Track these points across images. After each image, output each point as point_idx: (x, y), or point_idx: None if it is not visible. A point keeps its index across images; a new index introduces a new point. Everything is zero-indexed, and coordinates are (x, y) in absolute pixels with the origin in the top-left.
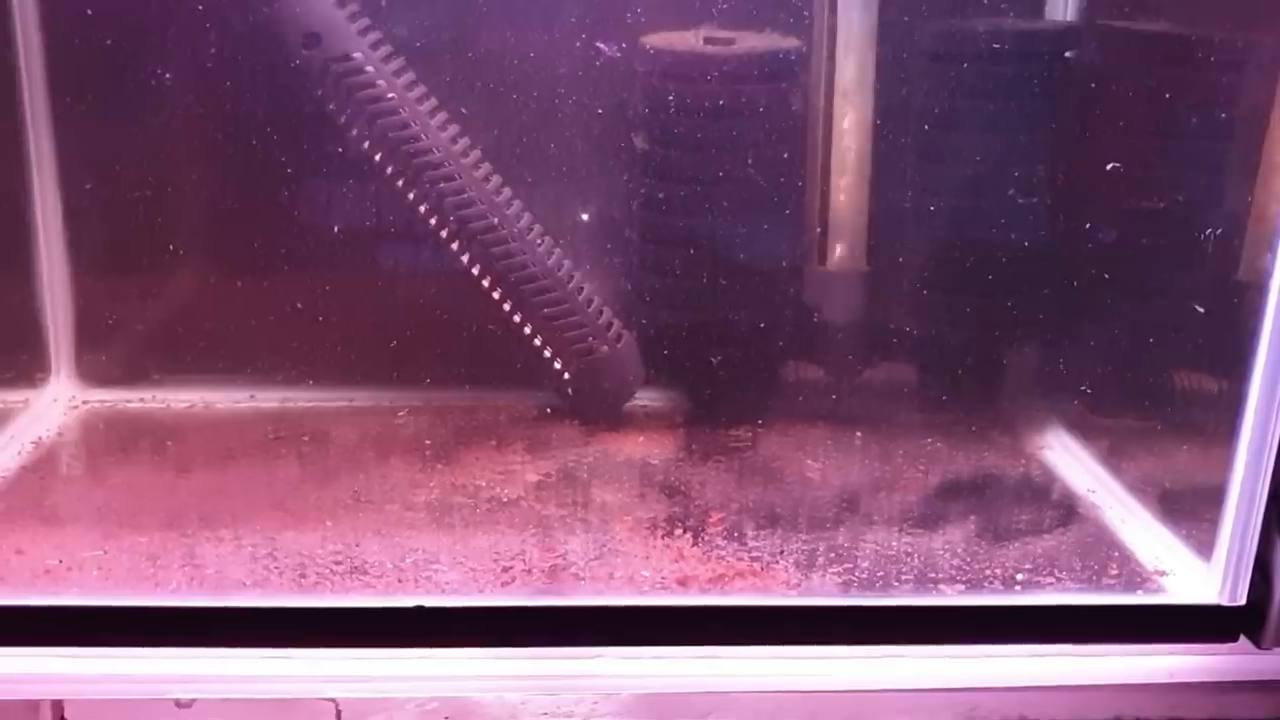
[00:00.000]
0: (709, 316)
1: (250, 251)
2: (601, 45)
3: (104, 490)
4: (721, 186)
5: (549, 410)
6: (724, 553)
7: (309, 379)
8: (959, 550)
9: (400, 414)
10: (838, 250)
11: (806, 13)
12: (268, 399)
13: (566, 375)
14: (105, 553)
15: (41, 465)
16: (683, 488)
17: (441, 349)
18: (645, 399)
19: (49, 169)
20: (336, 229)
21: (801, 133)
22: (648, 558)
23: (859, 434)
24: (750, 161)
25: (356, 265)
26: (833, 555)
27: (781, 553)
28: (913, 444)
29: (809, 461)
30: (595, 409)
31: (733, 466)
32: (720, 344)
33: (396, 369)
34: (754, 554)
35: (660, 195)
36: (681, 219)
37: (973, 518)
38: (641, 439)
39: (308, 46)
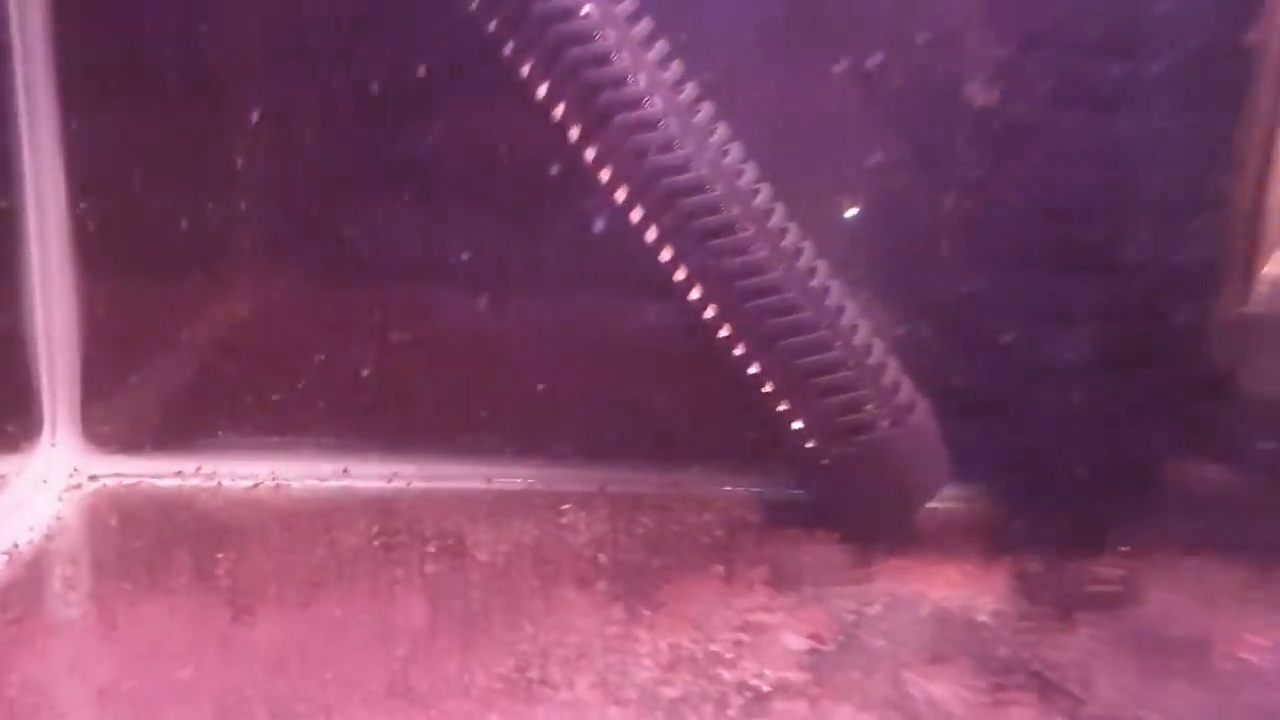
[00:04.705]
0: (1061, 374)
1: (341, 271)
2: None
3: (115, 658)
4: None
5: (787, 512)
6: None
7: (425, 448)
8: None
9: (564, 507)
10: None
11: None
12: (366, 475)
13: (824, 460)
14: None
15: (16, 597)
16: (1052, 675)
17: (620, 410)
18: (944, 500)
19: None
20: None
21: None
22: None
23: None
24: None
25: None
26: None
27: None
28: None
29: (1248, 636)
30: (869, 516)
31: (1119, 634)
32: (1074, 420)
33: (550, 436)
34: None
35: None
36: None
37: None
38: (955, 574)
39: None
